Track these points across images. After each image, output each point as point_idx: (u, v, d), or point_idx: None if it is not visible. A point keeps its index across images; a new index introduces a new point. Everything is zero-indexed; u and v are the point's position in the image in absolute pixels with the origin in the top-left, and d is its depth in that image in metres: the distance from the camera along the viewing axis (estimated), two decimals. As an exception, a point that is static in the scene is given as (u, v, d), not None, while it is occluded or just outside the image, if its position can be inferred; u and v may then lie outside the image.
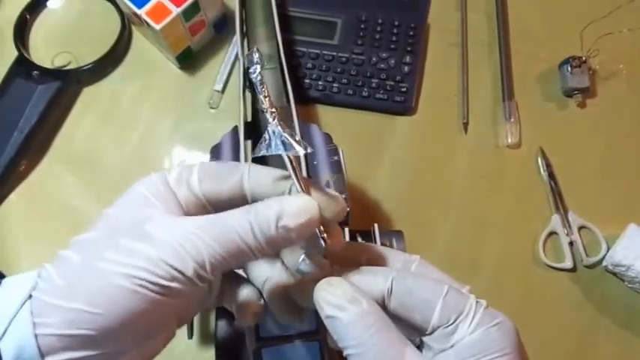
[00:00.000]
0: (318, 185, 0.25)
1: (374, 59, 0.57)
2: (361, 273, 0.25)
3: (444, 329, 0.23)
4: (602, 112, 0.58)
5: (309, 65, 0.57)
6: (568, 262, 0.52)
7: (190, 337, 0.46)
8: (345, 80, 0.57)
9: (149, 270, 0.22)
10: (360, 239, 0.44)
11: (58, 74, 0.56)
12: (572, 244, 0.53)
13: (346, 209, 0.26)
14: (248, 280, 0.29)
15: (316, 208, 0.23)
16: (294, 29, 0.58)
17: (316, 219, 0.23)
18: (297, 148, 0.24)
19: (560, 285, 0.52)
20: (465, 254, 0.53)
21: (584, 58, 0.56)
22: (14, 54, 0.56)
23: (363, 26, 0.58)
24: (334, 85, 0.57)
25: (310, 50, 0.57)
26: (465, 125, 0.57)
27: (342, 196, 0.26)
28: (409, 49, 0.57)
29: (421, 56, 0.58)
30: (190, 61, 0.59)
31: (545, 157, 0.55)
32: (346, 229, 0.40)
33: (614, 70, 0.59)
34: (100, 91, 0.58)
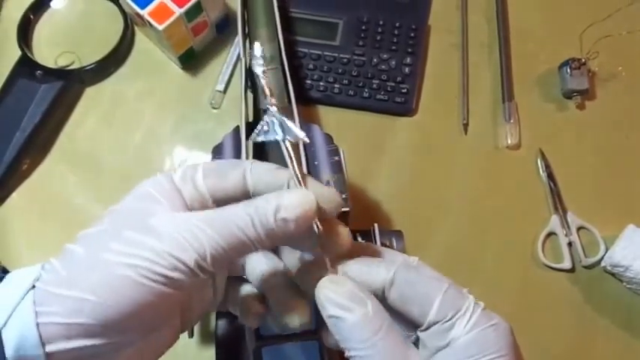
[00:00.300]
0: (315, 179, 0.26)
1: (375, 60, 0.57)
2: (363, 262, 0.26)
3: (441, 325, 0.23)
4: (601, 114, 0.58)
5: (310, 66, 0.58)
6: (567, 263, 0.52)
7: (191, 336, 0.46)
8: (346, 81, 0.57)
9: (153, 260, 0.22)
10: (360, 239, 0.45)
11: (61, 74, 0.56)
12: (570, 244, 0.53)
13: (342, 203, 0.26)
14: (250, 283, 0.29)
15: (313, 200, 0.24)
16: (295, 30, 0.59)
17: (313, 211, 0.24)
18: (296, 133, 0.24)
19: (559, 285, 0.52)
20: (465, 254, 0.53)
21: (583, 60, 0.56)
22: (17, 54, 0.56)
23: (364, 27, 0.58)
24: (335, 86, 0.57)
25: (312, 51, 0.58)
26: (465, 126, 0.57)
27: (343, 196, 0.27)
28: (410, 50, 0.58)
29: (422, 57, 0.59)
30: (192, 62, 0.59)
31: (545, 158, 0.55)
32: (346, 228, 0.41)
33: (613, 72, 0.59)
34: (103, 91, 0.58)
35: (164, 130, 0.57)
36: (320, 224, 0.25)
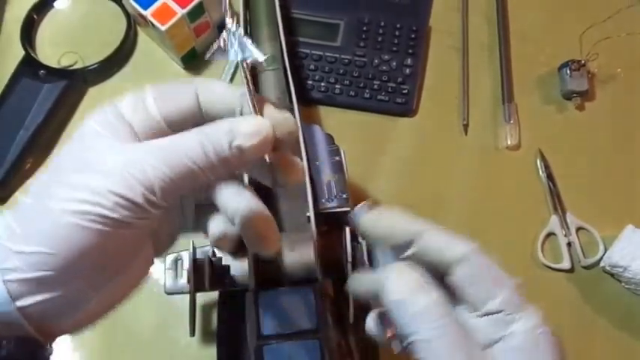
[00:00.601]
0: (270, 104, 0.25)
1: (376, 61, 0.58)
2: (442, 233, 0.26)
3: (504, 315, 0.24)
4: (600, 115, 0.58)
5: (311, 67, 0.58)
6: (566, 263, 0.52)
7: (192, 334, 0.46)
8: (348, 82, 0.57)
9: (96, 202, 0.21)
10: (361, 239, 0.45)
11: (64, 74, 0.56)
12: (570, 244, 0.53)
13: (297, 129, 0.25)
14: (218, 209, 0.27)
15: (270, 128, 0.23)
16: (297, 31, 0.59)
17: (270, 139, 0.23)
18: (256, 54, 0.23)
19: (558, 285, 0.52)
20: (464, 254, 0.53)
21: (583, 61, 0.56)
22: (21, 53, 0.57)
23: (365, 28, 0.59)
24: (336, 87, 0.57)
25: (313, 52, 0.58)
26: (465, 127, 0.57)
27: (343, 196, 0.26)
28: (410, 51, 0.58)
29: (422, 58, 0.59)
30: (195, 62, 0.59)
31: (544, 158, 0.56)
32: (347, 228, 0.41)
33: (612, 74, 0.59)
34: (106, 91, 0.59)
35: (166, 130, 0.57)
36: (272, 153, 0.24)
